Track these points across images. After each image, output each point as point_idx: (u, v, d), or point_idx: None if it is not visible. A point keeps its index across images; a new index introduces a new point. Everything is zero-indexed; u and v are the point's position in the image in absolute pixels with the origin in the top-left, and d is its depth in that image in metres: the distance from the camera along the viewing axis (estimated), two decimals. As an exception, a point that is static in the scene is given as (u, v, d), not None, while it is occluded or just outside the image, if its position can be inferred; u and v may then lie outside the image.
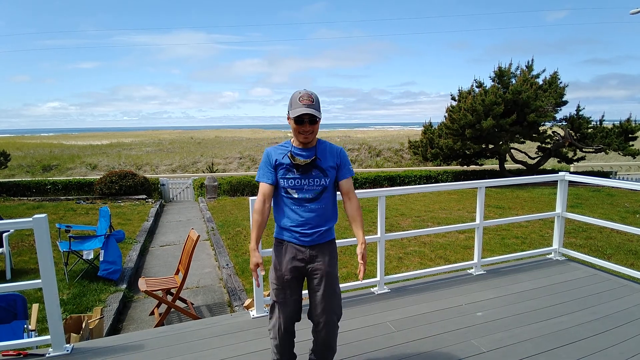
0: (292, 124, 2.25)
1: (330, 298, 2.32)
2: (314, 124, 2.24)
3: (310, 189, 2.29)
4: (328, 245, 2.37)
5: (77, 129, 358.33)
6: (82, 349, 2.89)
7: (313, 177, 2.29)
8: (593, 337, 2.98)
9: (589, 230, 7.86)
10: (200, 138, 45.01)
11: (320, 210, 2.31)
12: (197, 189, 14.81)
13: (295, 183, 2.29)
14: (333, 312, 2.34)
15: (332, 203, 2.40)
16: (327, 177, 2.32)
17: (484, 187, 4.15)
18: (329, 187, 2.34)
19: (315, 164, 2.30)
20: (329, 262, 2.34)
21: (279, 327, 2.36)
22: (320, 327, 2.35)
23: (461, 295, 3.71)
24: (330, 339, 2.38)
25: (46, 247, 2.68)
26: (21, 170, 22.45)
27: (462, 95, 15.94)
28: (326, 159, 2.33)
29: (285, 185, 2.31)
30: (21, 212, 10.49)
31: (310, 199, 2.29)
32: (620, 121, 14.67)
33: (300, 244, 2.31)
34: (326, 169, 2.32)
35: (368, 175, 15.68)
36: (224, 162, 25.40)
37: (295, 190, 2.29)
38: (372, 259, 6.31)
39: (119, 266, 5.75)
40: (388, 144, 27.30)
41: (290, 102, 2.25)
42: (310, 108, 2.18)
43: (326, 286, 2.31)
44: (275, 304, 2.37)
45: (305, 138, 2.27)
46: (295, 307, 2.37)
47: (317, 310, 2.34)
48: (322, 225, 2.33)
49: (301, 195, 2.29)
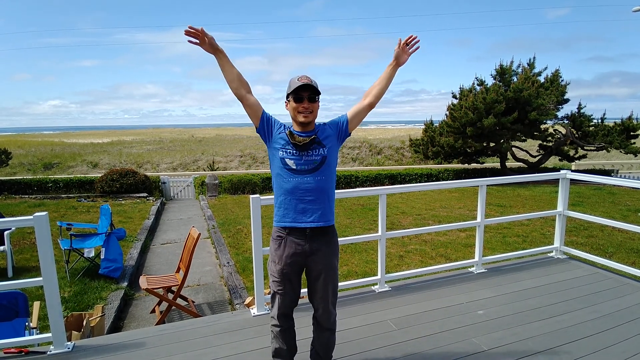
0: (292, 102, 2.25)
1: (329, 288, 2.38)
2: (313, 102, 2.24)
3: (309, 160, 2.26)
4: (329, 236, 2.36)
5: (78, 127, 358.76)
6: (83, 347, 2.90)
7: (312, 149, 2.27)
8: (594, 335, 2.97)
9: (590, 228, 7.85)
10: (201, 136, 45.03)
11: (319, 182, 2.27)
12: (198, 187, 14.82)
13: (294, 153, 2.27)
14: (330, 301, 2.42)
15: (332, 177, 2.36)
16: (325, 147, 2.30)
17: (485, 185, 4.14)
18: (328, 156, 2.30)
19: (314, 140, 2.28)
20: (330, 256, 2.35)
21: (279, 314, 2.43)
22: (319, 312, 2.44)
23: (462, 294, 3.71)
24: (329, 320, 2.45)
25: (47, 245, 2.69)
26: (22, 168, 22.49)
27: (463, 94, 15.91)
28: (322, 133, 2.33)
29: (283, 156, 2.28)
30: (22, 210, 10.50)
31: (309, 171, 2.26)
32: (622, 119, 14.62)
33: (300, 227, 2.28)
34: (323, 140, 2.30)
35: (369, 173, 15.66)
36: (224, 160, 25.41)
37: (293, 161, 2.26)
38: (373, 257, 6.32)
39: (120, 264, 5.76)
40: (389, 142, 27.27)
41: (289, 84, 2.27)
42: (309, 85, 2.20)
43: (325, 279, 2.35)
44: (276, 294, 2.42)
45: (305, 117, 2.23)
46: (294, 296, 2.43)
47: (316, 296, 2.41)
48: (322, 200, 2.29)
49: (299, 166, 2.26)
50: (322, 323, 2.45)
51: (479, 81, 15.95)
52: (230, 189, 14.27)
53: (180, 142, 37.37)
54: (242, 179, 14.55)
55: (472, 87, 15.81)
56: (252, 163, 24.91)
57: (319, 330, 2.49)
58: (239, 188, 14.30)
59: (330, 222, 2.35)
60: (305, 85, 2.20)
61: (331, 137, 2.34)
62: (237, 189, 14.29)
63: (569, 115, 15.20)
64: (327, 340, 2.50)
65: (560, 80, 15.01)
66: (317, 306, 2.43)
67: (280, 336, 2.46)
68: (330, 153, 2.31)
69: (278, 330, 2.46)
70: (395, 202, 11.19)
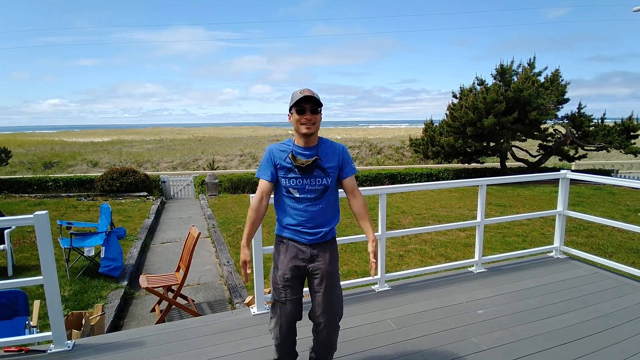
0: (294, 115, 2.26)
1: (332, 298, 2.31)
2: (315, 114, 2.25)
3: (312, 189, 2.29)
4: (329, 244, 2.37)
5: (78, 126, 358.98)
6: (84, 345, 2.90)
7: (315, 177, 2.29)
8: (594, 335, 2.98)
9: (590, 228, 7.86)
10: (201, 135, 45.00)
11: (322, 210, 2.31)
12: (197, 186, 14.82)
13: (296, 183, 2.29)
14: (334, 313, 2.33)
15: (334, 203, 2.40)
16: (329, 176, 2.31)
17: (485, 184, 4.14)
18: (331, 186, 2.34)
19: (317, 164, 2.29)
20: (330, 262, 2.33)
21: (281, 327, 2.34)
22: (321, 328, 2.34)
23: (462, 293, 3.72)
24: (331, 339, 2.37)
25: (47, 244, 2.69)
26: (22, 167, 22.47)
27: (463, 93, 15.90)
28: (328, 159, 2.32)
29: (286, 185, 2.30)
30: (22, 209, 10.50)
31: (312, 199, 2.29)
32: (622, 119, 14.63)
33: (301, 242, 2.31)
34: (328, 169, 2.31)
35: (369, 173, 15.66)
36: (224, 160, 25.39)
37: (296, 190, 2.29)
38: (372, 256, 6.31)
39: (119, 263, 5.76)
40: (389, 141, 27.25)
41: (292, 97, 2.28)
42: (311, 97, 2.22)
43: (327, 286, 2.30)
44: (277, 303, 2.35)
45: (307, 129, 2.24)
46: (296, 306, 2.35)
47: (318, 310, 2.33)
48: (324, 225, 2.33)
49: (303, 195, 2.29)
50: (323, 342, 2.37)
51: (479, 81, 15.94)
52: (230, 188, 14.27)
53: (180, 141, 37.36)
54: (242, 178, 14.55)
55: (473, 87, 15.80)
56: (252, 162, 24.89)
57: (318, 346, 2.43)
58: (239, 187, 14.30)
59: (330, 237, 2.38)
60: (307, 97, 2.22)
61: (335, 168, 2.35)
62: (237, 188, 14.29)
63: (569, 115, 15.20)
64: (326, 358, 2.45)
65: (560, 80, 15.01)
66: (319, 321, 2.33)
67: (279, 349, 2.41)
68: (332, 182, 2.35)
69: (277, 344, 2.39)
70: (395, 202, 11.19)
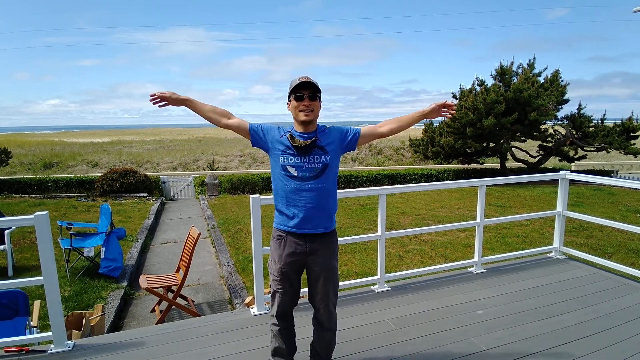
0: (293, 102, 2.26)
1: (329, 288, 2.39)
2: (314, 100, 2.24)
3: (311, 167, 2.25)
4: (329, 237, 2.37)
5: (78, 126, 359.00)
6: (84, 346, 2.91)
7: (313, 155, 2.26)
8: (593, 335, 2.98)
9: (589, 229, 7.86)
10: (201, 136, 45.00)
11: (320, 190, 2.26)
12: (198, 186, 14.82)
13: (295, 160, 2.26)
14: (331, 302, 2.43)
15: (333, 184, 2.35)
16: (328, 154, 2.29)
17: (484, 185, 4.15)
18: (330, 164, 2.29)
19: (316, 144, 2.26)
20: (330, 258, 2.36)
21: (278, 313, 2.45)
22: (320, 313, 2.45)
23: (461, 294, 3.72)
24: (330, 320, 2.46)
25: (47, 244, 2.69)
26: (22, 167, 22.48)
27: (463, 94, 15.91)
28: (326, 138, 2.31)
29: (284, 162, 2.27)
30: (22, 210, 10.51)
31: (310, 177, 2.25)
32: (622, 120, 14.63)
33: (300, 235, 2.30)
34: (326, 146, 2.29)
35: (369, 173, 15.66)
36: (224, 160, 25.40)
37: (294, 167, 2.25)
38: (372, 256, 6.32)
39: (119, 263, 5.77)
40: (389, 142, 27.25)
41: (290, 85, 2.29)
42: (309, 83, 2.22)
43: (325, 280, 2.36)
44: (276, 293, 2.43)
45: (306, 116, 2.23)
46: (294, 295, 2.44)
47: (316, 297, 2.41)
48: (323, 207, 2.29)
49: (300, 173, 2.25)
50: (324, 323, 2.46)
51: (479, 81, 15.95)
52: (230, 189, 14.27)
53: (180, 141, 37.36)
54: (242, 178, 14.55)
55: (472, 88, 15.81)
56: (252, 163, 24.90)
57: (320, 330, 2.50)
58: (239, 188, 14.30)
59: (330, 228, 2.36)
60: (305, 83, 2.21)
61: (335, 144, 2.32)
62: (237, 189, 14.29)
63: (569, 116, 15.21)
64: (328, 340, 2.51)
65: (560, 80, 15.02)
66: (318, 307, 2.44)
67: (280, 335, 2.47)
68: (332, 160, 2.30)
69: (277, 330, 2.47)
70: (395, 202, 11.20)
